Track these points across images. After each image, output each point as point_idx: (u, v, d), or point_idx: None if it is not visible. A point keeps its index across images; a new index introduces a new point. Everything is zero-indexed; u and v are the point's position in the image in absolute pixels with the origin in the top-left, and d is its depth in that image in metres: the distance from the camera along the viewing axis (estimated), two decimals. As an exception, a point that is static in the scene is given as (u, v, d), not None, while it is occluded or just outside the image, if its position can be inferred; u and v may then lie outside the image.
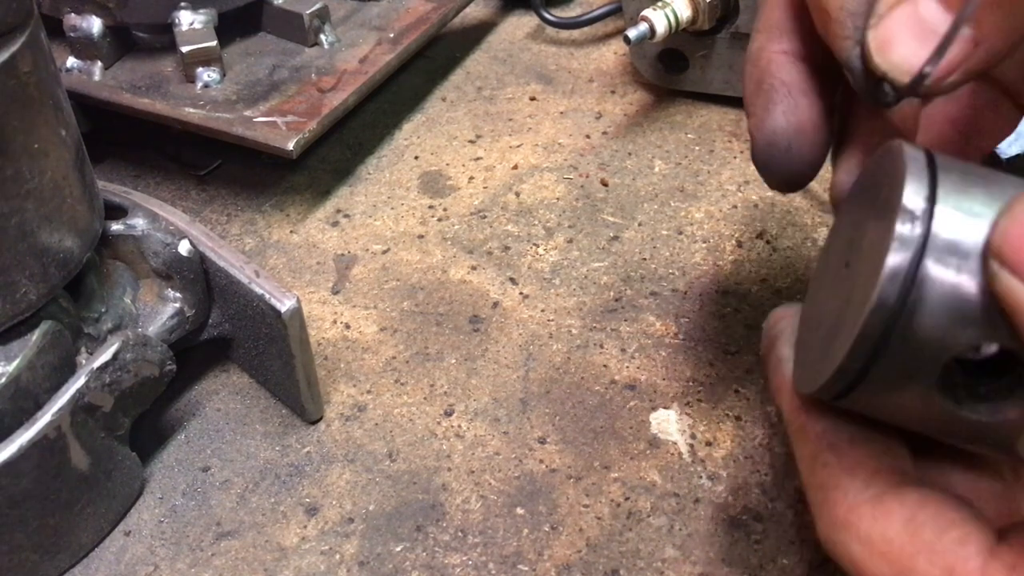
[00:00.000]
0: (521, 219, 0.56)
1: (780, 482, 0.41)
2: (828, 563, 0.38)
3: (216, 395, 0.47)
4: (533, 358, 0.48)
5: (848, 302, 0.27)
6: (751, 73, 0.33)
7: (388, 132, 0.64)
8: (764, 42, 0.33)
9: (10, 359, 0.37)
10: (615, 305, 0.50)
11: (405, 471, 0.43)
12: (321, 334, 0.49)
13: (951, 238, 0.25)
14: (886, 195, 0.27)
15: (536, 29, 0.74)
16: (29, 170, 0.36)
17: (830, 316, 0.29)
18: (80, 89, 0.56)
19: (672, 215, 0.56)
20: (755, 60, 0.33)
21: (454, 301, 0.51)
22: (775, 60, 0.33)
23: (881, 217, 0.26)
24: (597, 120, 0.64)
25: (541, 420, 0.45)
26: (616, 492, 0.41)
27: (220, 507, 0.42)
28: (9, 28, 0.34)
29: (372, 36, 0.63)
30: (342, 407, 0.46)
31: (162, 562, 0.40)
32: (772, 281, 0.51)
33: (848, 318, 0.26)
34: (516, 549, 0.39)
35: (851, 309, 0.27)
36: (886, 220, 0.26)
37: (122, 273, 0.44)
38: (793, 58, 0.32)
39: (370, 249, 0.55)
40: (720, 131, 0.62)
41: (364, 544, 0.40)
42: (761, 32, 0.33)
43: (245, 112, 0.55)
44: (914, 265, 0.24)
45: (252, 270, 0.42)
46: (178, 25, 0.58)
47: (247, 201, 0.59)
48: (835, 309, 0.29)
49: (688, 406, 0.45)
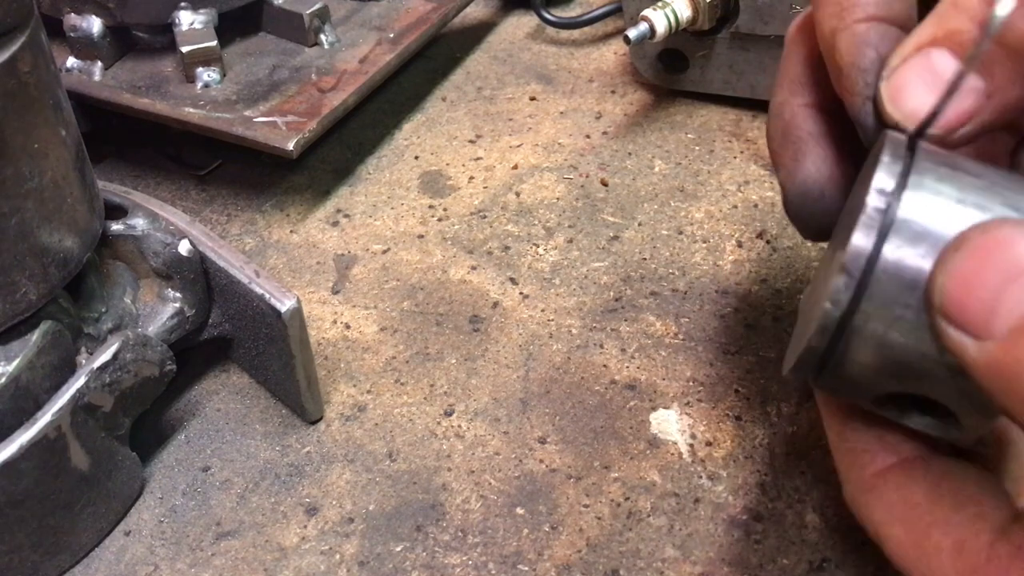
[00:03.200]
0: (521, 219, 0.56)
1: (780, 482, 0.41)
2: (828, 563, 0.38)
3: (216, 395, 0.47)
4: (533, 358, 0.48)
5: (822, 293, 0.28)
6: (775, 127, 0.34)
7: (388, 132, 0.64)
8: (786, 96, 0.33)
9: (10, 359, 0.37)
10: (615, 305, 0.50)
11: (405, 471, 0.43)
12: (321, 334, 0.49)
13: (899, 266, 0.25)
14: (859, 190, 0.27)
15: (536, 29, 0.74)
16: (29, 170, 0.36)
17: (810, 302, 0.30)
18: (80, 89, 0.56)
19: (672, 215, 0.56)
20: (778, 114, 0.34)
21: (454, 301, 0.51)
22: (799, 113, 0.33)
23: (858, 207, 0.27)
24: (597, 120, 0.64)
25: (541, 420, 0.45)
26: (616, 492, 0.41)
27: (220, 507, 0.42)
28: (9, 28, 0.34)
29: (372, 36, 0.63)
30: (342, 407, 0.46)
31: (162, 562, 0.40)
32: (772, 281, 0.51)
33: (818, 308, 0.27)
34: (516, 549, 0.39)
35: (820, 300, 0.27)
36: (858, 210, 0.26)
37: (122, 273, 0.44)
38: (816, 110, 0.33)
39: (370, 249, 0.55)
40: (720, 131, 0.62)
41: (364, 544, 0.40)
42: (782, 87, 0.34)
43: (245, 112, 0.55)
44: (851, 304, 0.25)
45: (252, 270, 0.42)
46: (178, 25, 0.58)
47: (247, 201, 0.59)
48: (815, 296, 0.30)
49: (688, 406, 0.45)
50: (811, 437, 0.43)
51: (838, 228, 0.32)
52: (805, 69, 0.33)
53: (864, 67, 0.29)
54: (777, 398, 0.45)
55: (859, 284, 0.25)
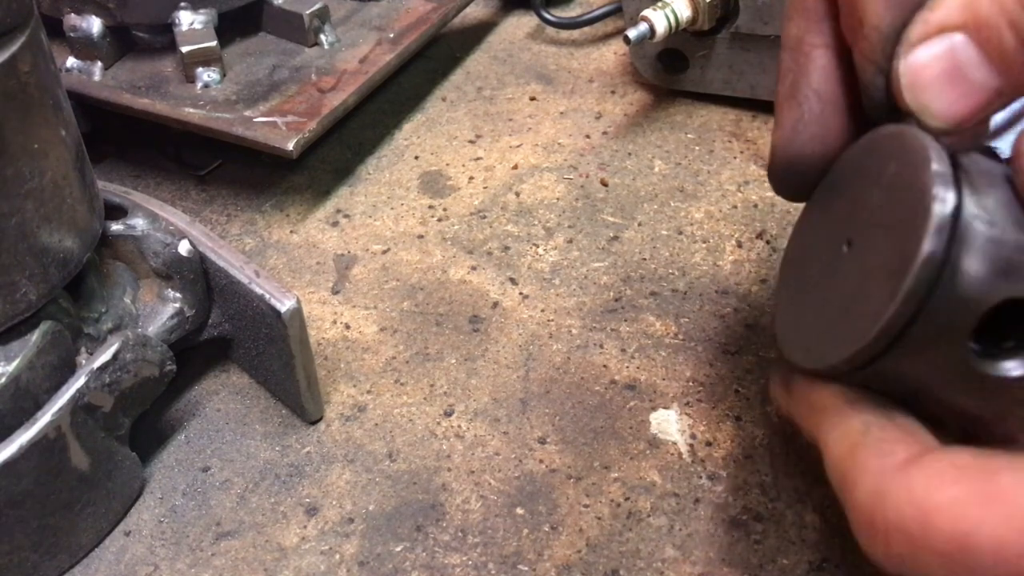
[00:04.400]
0: (521, 219, 0.56)
1: (780, 482, 0.41)
2: (828, 563, 0.38)
3: (216, 395, 0.47)
4: (533, 358, 0.48)
5: (868, 275, 0.28)
6: (788, 67, 0.31)
7: (388, 132, 0.64)
8: (802, 31, 0.31)
9: (10, 359, 0.37)
10: (615, 305, 0.50)
11: (405, 471, 0.43)
12: (321, 334, 0.49)
13: (983, 193, 0.26)
14: (898, 171, 0.27)
15: (536, 29, 0.74)
16: (29, 170, 0.36)
17: (836, 293, 0.30)
18: (80, 89, 0.56)
19: (672, 215, 0.56)
20: (794, 51, 0.31)
21: (454, 301, 0.51)
22: (814, 57, 0.30)
23: (898, 189, 0.27)
24: (597, 120, 0.64)
25: (541, 420, 0.45)
26: (616, 492, 0.41)
27: (220, 507, 0.42)
28: (9, 28, 0.34)
29: (372, 36, 0.63)
30: (342, 407, 0.46)
31: (162, 562, 0.40)
32: (772, 281, 0.51)
33: (875, 286, 0.27)
34: (516, 549, 0.39)
35: (877, 278, 0.27)
36: (909, 190, 0.26)
37: (122, 273, 0.44)
38: (832, 54, 0.30)
39: (370, 249, 0.55)
40: (720, 131, 0.62)
41: (364, 544, 0.40)
42: (797, 15, 0.31)
43: (245, 112, 0.55)
44: (954, 223, 0.25)
45: (252, 270, 0.42)
46: (178, 25, 0.58)
47: (247, 201, 0.59)
48: (843, 285, 0.29)
49: (688, 406, 0.45)
50: (811, 437, 0.43)
51: (826, 190, 0.32)
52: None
53: (886, 32, 0.27)
54: (777, 398, 0.45)
55: (956, 178, 0.25)
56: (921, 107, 0.27)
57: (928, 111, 0.26)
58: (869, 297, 0.27)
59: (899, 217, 0.27)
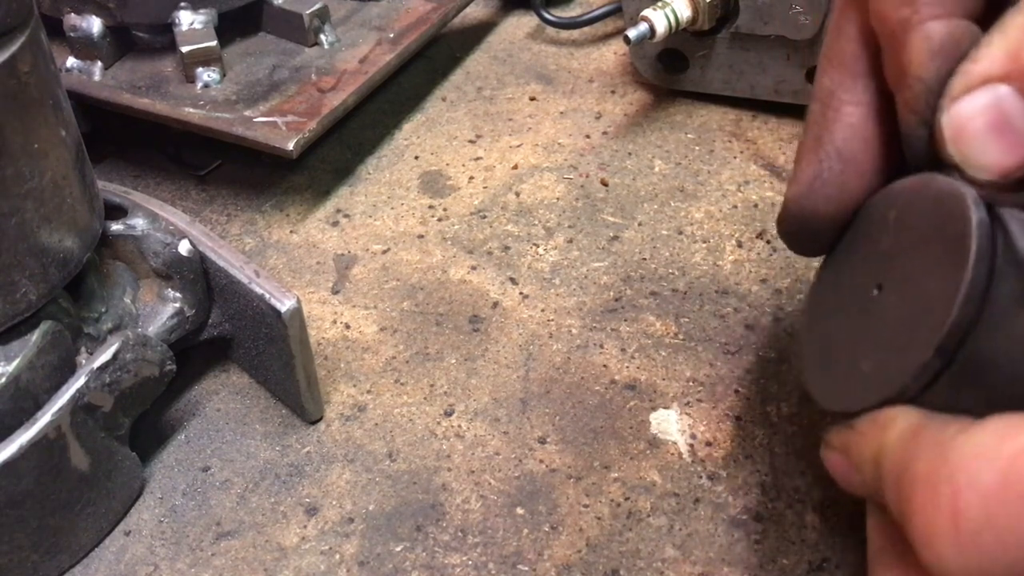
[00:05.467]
0: (521, 219, 0.56)
1: (780, 482, 0.41)
2: (828, 563, 0.38)
3: (216, 395, 0.47)
4: (533, 358, 0.48)
5: (905, 316, 0.28)
6: (815, 120, 0.30)
7: (388, 132, 0.64)
8: (835, 85, 0.30)
9: (10, 359, 0.37)
10: (615, 305, 0.50)
11: (405, 471, 0.43)
12: (321, 334, 0.49)
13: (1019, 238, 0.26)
14: (934, 218, 0.27)
15: (536, 29, 0.74)
16: (29, 170, 0.36)
17: (871, 336, 0.30)
18: (80, 89, 0.56)
19: (672, 215, 0.56)
20: (823, 103, 0.30)
21: (454, 301, 0.51)
22: (843, 114, 0.30)
23: (935, 234, 0.27)
24: (597, 120, 0.64)
25: (541, 420, 0.45)
26: (616, 492, 0.41)
27: (220, 507, 0.42)
28: (9, 28, 0.34)
29: (372, 36, 0.63)
30: (342, 407, 0.46)
31: (162, 562, 0.40)
32: (772, 281, 0.51)
33: (915, 325, 0.27)
34: (516, 549, 0.39)
35: (917, 318, 0.27)
36: (945, 236, 0.26)
37: (122, 273, 0.44)
38: (862, 112, 0.30)
39: (370, 249, 0.55)
40: (720, 131, 0.62)
41: (364, 544, 0.40)
42: (831, 68, 0.30)
43: (245, 112, 0.55)
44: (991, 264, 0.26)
45: (252, 270, 0.42)
46: (178, 25, 0.58)
47: (247, 201, 0.59)
48: (883, 326, 0.29)
49: (688, 406, 0.45)
50: (811, 437, 0.43)
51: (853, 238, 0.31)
52: (859, 50, 0.29)
53: (929, 83, 0.26)
54: (777, 398, 0.45)
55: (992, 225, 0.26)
56: (965, 159, 0.26)
57: (973, 163, 0.26)
58: (912, 335, 0.27)
59: (937, 260, 0.27)
